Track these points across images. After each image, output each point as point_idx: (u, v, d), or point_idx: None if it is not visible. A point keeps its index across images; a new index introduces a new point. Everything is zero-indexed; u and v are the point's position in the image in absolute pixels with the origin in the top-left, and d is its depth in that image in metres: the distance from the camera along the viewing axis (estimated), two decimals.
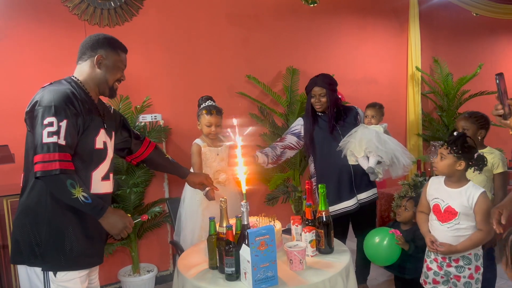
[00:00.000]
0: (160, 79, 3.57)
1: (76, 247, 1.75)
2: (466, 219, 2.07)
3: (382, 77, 4.88)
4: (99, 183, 1.83)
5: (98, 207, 1.71)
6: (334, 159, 2.82)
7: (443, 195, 2.15)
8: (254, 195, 3.94)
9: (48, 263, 1.72)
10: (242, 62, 3.95)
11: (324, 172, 2.89)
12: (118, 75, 1.90)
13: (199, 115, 2.81)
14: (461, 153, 2.05)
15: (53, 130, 1.63)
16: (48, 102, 1.67)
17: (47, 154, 1.61)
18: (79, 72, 1.87)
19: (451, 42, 5.39)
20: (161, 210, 3.31)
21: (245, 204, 1.83)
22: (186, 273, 1.88)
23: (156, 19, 3.53)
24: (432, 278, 2.20)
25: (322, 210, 2.01)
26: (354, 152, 2.75)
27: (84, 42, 1.88)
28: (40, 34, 3.12)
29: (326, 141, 2.86)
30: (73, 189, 1.63)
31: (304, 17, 4.29)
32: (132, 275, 3.31)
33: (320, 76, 2.90)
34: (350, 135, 2.81)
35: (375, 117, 2.89)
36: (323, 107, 2.87)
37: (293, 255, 1.83)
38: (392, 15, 4.90)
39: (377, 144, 2.72)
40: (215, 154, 2.77)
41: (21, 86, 3.03)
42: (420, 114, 5.01)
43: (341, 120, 2.90)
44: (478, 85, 4.97)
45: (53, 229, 1.72)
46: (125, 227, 1.80)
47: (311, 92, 2.87)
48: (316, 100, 2.85)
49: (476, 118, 2.64)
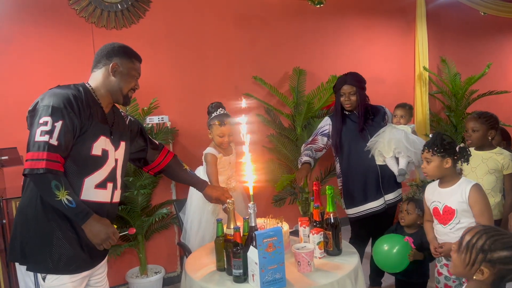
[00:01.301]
0: (167, 81, 3.58)
1: (65, 251, 1.72)
2: (465, 216, 2.07)
3: (389, 77, 4.86)
4: (91, 190, 1.78)
5: (82, 213, 1.68)
6: (362, 159, 2.81)
7: (439, 197, 2.17)
8: (261, 196, 3.93)
9: (33, 263, 1.71)
10: (248, 63, 3.95)
11: (352, 172, 2.87)
12: (133, 84, 1.90)
13: (210, 124, 2.74)
14: (443, 150, 2.08)
15: (46, 130, 1.63)
16: (47, 102, 1.68)
17: (36, 153, 1.61)
18: (93, 79, 1.87)
19: (459, 42, 5.35)
20: (168, 212, 3.31)
21: (252, 206, 1.82)
22: (193, 275, 1.87)
23: (163, 21, 3.54)
24: (444, 283, 2.19)
25: (330, 211, 2.00)
26: (382, 152, 2.74)
27: (100, 51, 1.88)
28: (47, 37, 3.14)
29: (355, 141, 2.83)
30: (57, 190, 1.61)
31: (310, 18, 4.28)
32: (139, 277, 3.32)
33: (349, 74, 2.87)
34: (378, 135, 2.79)
35: (404, 117, 2.90)
36: (353, 106, 2.83)
37: (301, 257, 1.82)
38: (399, 15, 4.88)
39: (406, 145, 2.71)
40: (227, 163, 2.76)
41: (29, 89, 3.04)
42: (428, 114, 4.98)
43: (370, 120, 2.88)
44: (487, 85, 4.93)
45: (40, 231, 1.71)
46: (108, 238, 1.73)
47: (340, 91, 2.83)
48: (346, 99, 2.82)
49: (486, 118, 2.59)
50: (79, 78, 1.96)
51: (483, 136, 2.56)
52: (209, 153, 2.70)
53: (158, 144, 2.19)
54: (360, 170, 2.83)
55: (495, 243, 1.36)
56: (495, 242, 1.36)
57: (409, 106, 2.96)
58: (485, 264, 1.35)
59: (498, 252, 1.34)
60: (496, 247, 1.35)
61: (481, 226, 1.45)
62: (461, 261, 1.42)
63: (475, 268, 1.37)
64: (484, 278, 1.36)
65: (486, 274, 1.35)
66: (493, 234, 1.39)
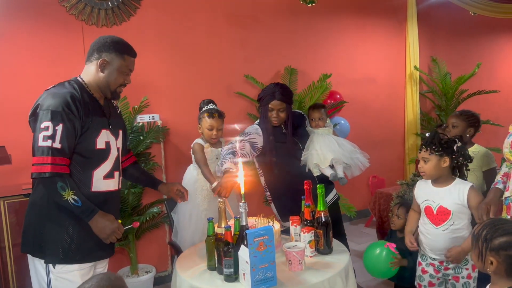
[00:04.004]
0: (158, 79, 3.56)
1: (76, 243, 1.83)
2: (460, 217, 2.05)
3: (380, 76, 4.88)
4: (101, 181, 1.90)
5: (87, 211, 1.79)
6: (296, 171, 2.63)
7: (433, 196, 2.13)
8: (253, 195, 3.93)
9: (49, 256, 1.81)
10: (240, 62, 3.94)
11: (283, 185, 2.67)
12: (121, 80, 1.93)
13: (200, 118, 2.76)
14: (442, 149, 2.04)
15: (48, 134, 1.73)
16: (47, 106, 1.75)
17: (40, 157, 1.72)
18: (86, 72, 1.92)
19: (449, 42, 5.39)
20: (159, 211, 3.29)
21: (243, 205, 1.82)
22: (184, 274, 1.87)
23: (154, 19, 3.52)
24: (428, 280, 2.19)
25: (320, 210, 2.00)
26: (319, 164, 2.62)
27: (93, 43, 1.92)
28: (37, 34, 3.11)
29: (287, 156, 2.64)
30: (63, 191, 1.73)
31: (302, 17, 4.28)
32: (130, 276, 3.30)
33: (279, 87, 2.59)
34: (308, 146, 2.65)
35: (322, 119, 2.77)
36: (281, 123, 2.62)
37: (292, 255, 1.82)
38: (390, 15, 4.90)
39: (342, 152, 2.63)
40: (214, 156, 2.75)
41: (18, 86, 3.01)
42: (418, 113, 5.02)
43: (296, 130, 2.69)
44: (476, 84, 4.98)
45: (54, 225, 1.82)
46: (113, 232, 1.86)
47: (269, 105, 2.58)
48: (274, 115, 2.58)
49: (467, 116, 2.68)
50: (69, 76, 1.95)
51: (461, 132, 2.62)
52: (195, 143, 2.75)
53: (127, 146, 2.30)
54: (295, 182, 2.50)
55: (496, 231, 1.40)
56: (496, 231, 1.40)
57: (324, 106, 2.84)
58: (490, 254, 1.38)
59: (498, 239, 1.38)
60: (496, 235, 1.39)
61: (489, 219, 1.51)
62: (475, 255, 1.45)
63: (485, 260, 1.40)
64: (496, 269, 1.38)
65: (495, 264, 1.38)
66: (496, 223, 1.43)
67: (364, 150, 2.79)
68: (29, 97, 1.89)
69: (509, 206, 2.08)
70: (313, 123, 2.78)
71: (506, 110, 5.75)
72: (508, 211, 2.10)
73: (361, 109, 4.71)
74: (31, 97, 1.91)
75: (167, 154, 3.57)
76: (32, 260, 1.89)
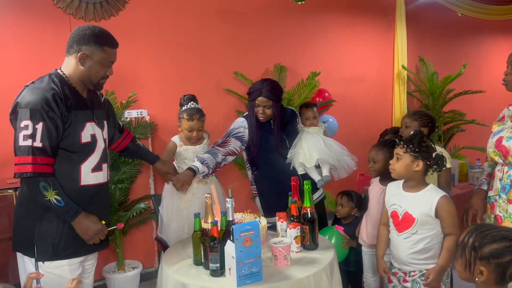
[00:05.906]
0: (147, 75, 3.54)
1: (65, 238, 1.83)
2: (423, 228, 1.93)
3: (369, 75, 4.92)
4: (89, 174, 1.88)
5: (71, 211, 1.79)
6: (281, 168, 2.63)
7: (401, 200, 2.01)
8: (240, 191, 3.94)
9: (39, 253, 1.81)
10: (230, 58, 3.94)
11: (268, 181, 2.68)
12: (102, 73, 1.89)
13: (180, 117, 2.66)
14: (418, 151, 1.91)
15: (28, 134, 1.69)
16: (25, 104, 1.71)
17: (22, 157, 1.69)
18: (66, 65, 1.88)
19: (437, 42, 5.45)
20: (146, 207, 3.28)
21: (230, 200, 1.83)
22: (170, 269, 1.87)
23: (143, 14, 3.49)
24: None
25: (307, 206, 2.02)
26: (304, 163, 2.61)
27: (72, 34, 1.87)
28: (24, 27, 3.07)
29: (273, 152, 2.64)
30: (46, 191, 1.71)
31: (292, 15, 4.29)
32: (116, 272, 3.29)
33: (266, 84, 2.56)
34: (295, 144, 2.65)
35: (316, 118, 2.77)
36: (267, 119, 2.61)
37: (277, 251, 1.83)
38: (380, 14, 4.94)
39: (328, 153, 2.62)
40: (191, 153, 2.69)
41: (4, 80, 2.97)
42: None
43: (284, 127, 2.67)
44: (463, 84, 5.04)
45: (43, 222, 1.81)
46: (96, 233, 1.86)
47: (255, 101, 2.57)
48: (260, 111, 2.57)
49: (419, 116, 2.61)
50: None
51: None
52: (172, 140, 2.73)
53: (122, 125, 2.29)
54: (280, 178, 2.56)
55: (484, 238, 1.31)
56: (484, 237, 1.31)
57: (316, 105, 2.83)
58: (480, 263, 1.30)
59: (488, 246, 1.29)
60: (486, 242, 1.30)
61: (474, 225, 1.41)
62: (461, 265, 1.36)
63: (474, 270, 1.32)
64: (486, 279, 1.30)
65: (486, 274, 1.29)
66: (483, 230, 1.34)
67: (352, 148, 2.79)
68: (14, 91, 1.86)
69: (493, 205, 2.10)
70: (308, 122, 2.76)
71: (491, 110, 5.79)
72: (492, 210, 2.13)
73: (349, 107, 4.73)
74: (17, 91, 1.87)
75: (155, 150, 3.55)
76: (21, 256, 1.88)
